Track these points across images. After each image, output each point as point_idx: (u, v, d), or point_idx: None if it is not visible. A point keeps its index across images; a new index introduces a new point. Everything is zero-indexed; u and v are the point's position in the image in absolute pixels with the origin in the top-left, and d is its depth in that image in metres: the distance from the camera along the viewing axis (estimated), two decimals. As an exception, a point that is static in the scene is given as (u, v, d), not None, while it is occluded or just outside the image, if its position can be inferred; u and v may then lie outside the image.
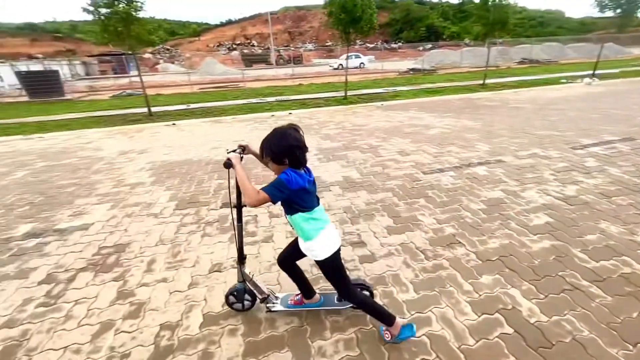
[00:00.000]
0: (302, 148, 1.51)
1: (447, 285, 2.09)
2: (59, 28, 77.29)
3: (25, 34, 73.68)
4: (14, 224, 3.19)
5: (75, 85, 20.37)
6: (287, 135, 1.51)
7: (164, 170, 4.62)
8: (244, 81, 18.66)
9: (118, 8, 7.69)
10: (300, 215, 1.53)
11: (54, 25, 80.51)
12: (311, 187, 1.55)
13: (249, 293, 1.89)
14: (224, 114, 9.22)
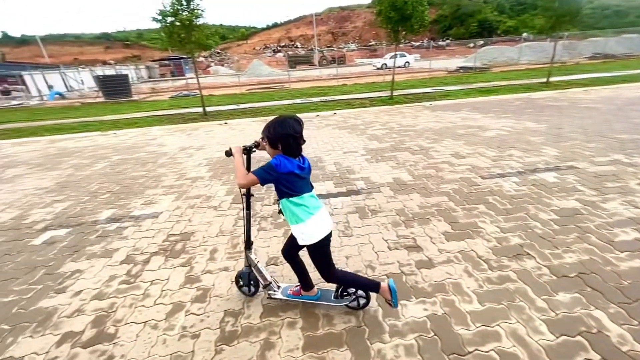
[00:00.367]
0: (298, 138, 1.61)
1: (516, 300, 1.93)
2: (128, 36, 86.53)
3: (101, 43, 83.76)
4: (98, 209, 3.64)
5: (140, 87, 22.63)
6: (286, 123, 1.59)
7: (219, 166, 4.92)
8: (288, 82, 19.16)
9: (182, 16, 8.35)
10: (289, 200, 1.62)
11: (124, 34, 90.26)
12: (301, 173, 1.62)
13: (253, 278, 2.02)
14: (271, 114, 9.55)
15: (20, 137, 8.54)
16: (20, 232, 3.23)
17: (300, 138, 1.64)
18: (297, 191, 1.62)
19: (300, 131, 1.63)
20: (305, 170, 1.66)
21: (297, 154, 1.65)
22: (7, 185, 4.72)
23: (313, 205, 1.66)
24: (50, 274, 2.50)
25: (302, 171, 1.63)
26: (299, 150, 1.66)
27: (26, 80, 19.42)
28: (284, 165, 1.55)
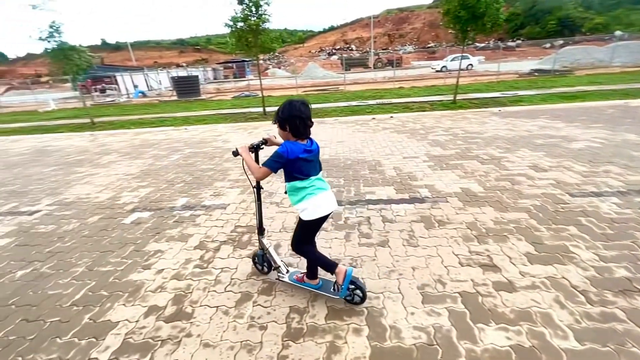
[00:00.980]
0: (304, 120, 1.68)
1: (627, 345, 1.62)
2: (198, 41, 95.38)
3: (176, 48, 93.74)
4: (174, 197, 4.02)
5: (207, 88, 24.71)
6: (293, 105, 1.68)
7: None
8: (343, 84, 19.22)
9: (250, 21, 8.89)
10: (295, 183, 1.77)
11: (195, 39, 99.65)
12: (309, 156, 1.73)
13: (267, 260, 2.28)
14: (326, 116, 9.65)
15: (113, 129, 9.92)
16: (114, 211, 3.71)
17: (307, 120, 1.70)
18: (305, 174, 1.75)
19: (307, 113, 1.71)
20: (312, 153, 1.78)
21: (304, 135, 1.74)
22: (103, 170, 5.49)
23: (318, 187, 1.79)
24: (138, 251, 2.82)
25: (310, 154, 1.74)
26: (307, 132, 1.74)
27: (118, 80, 22.57)
28: (291, 151, 1.67)
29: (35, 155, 7.16)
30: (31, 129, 11.06)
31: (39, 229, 3.38)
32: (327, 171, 4.57)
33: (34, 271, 2.62)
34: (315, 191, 1.78)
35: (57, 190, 4.57)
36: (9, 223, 3.58)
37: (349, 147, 5.83)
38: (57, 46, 9.35)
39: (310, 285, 2.10)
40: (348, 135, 6.87)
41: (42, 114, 15.87)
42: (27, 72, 66.72)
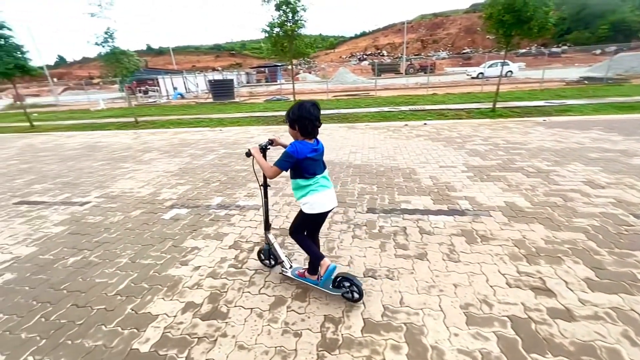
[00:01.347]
0: (313, 121, 1.78)
1: None
2: (234, 47, 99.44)
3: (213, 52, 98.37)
4: (210, 195, 4.14)
5: (240, 91, 25.58)
6: (303, 107, 1.78)
7: (310, 168, 5.09)
8: (374, 90, 19.03)
9: (287, 27, 9.08)
10: (301, 180, 1.89)
11: (231, 44, 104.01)
12: (315, 155, 1.85)
13: (272, 255, 2.39)
14: (357, 121, 9.58)
15: (154, 128, 10.52)
16: (154, 206, 3.89)
17: (315, 121, 1.81)
18: (311, 173, 1.87)
19: (316, 114, 1.80)
20: (318, 153, 1.90)
21: (312, 134, 1.85)
22: (145, 166, 5.80)
23: (321, 184, 1.91)
24: (176, 246, 2.91)
25: (316, 153, 1.87)
26: (314, 132, 1.86)
27: (160, 83, 24.04)
28: (300, 152, 1.79)
29: (86, 150, 7.76)
30: (83, 126, 12.04)
31: (89, 219, 3.62)
32: (359, 177, 4.49)
33: (84, 259, 2.79)
34: (318, 188, 1.90)
35: (104, 184, 4.89)
36: (63, 212, 3.87)
37: (381, 154, 5.71)
38: (110, 50, 10.12)
39: (310, 281, 2.16)
40: (380, 142, 6.74)
41: (93, 112, 17.26)
42: (82, 74, 73.26)
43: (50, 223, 3.57)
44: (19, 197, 4.51)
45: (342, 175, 4.64)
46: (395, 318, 1.92)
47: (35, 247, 3.07)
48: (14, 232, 3.40)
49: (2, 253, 2.98)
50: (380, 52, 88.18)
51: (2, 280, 2.56)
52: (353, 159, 5.48)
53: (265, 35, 9.85)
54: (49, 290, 2.39)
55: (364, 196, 3.80)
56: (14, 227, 3.54)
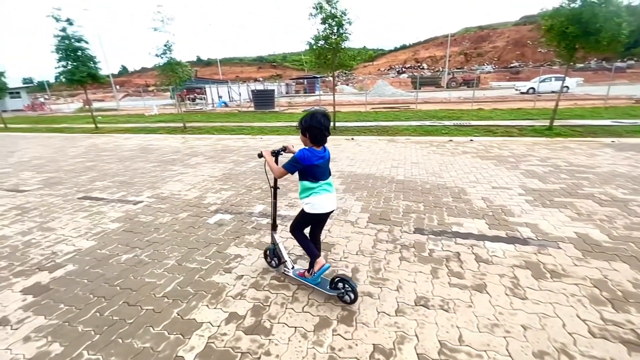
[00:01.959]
0: (322, 130, 1.94)
1: None
2: (275, 59, 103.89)
3: (255, 64, 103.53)
4: (252, 202, 4.19)
5: (279, 101, 26.40)
6: (314, 116, 1.95)
7: (351, 181, 4.99)
8: (415, 103, 18.59)
9: (331, 39, 9.21)
10: (307, 183, 2.06)
11: (273, 57, 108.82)
12: (321, 163, 2.03)
13: (277, 255, 2.49)
14: (398, 134, 9.33)
15: (200, 134, 11.14)
16: (200, 210, 4.02)
17: (325, 130, 1.98)
18: (316, 178, 2.05)
19: (325, 124, 1.97)
20: (325, 160, 2.09)
21: (321, 142, 2.04)
22: (192, 170, 6.09)
23: (324, 189, 2.08)
24: (220, 252, 2.94)
25: (323, 160, 2.06)
26: (323, 140, 2.04)
27: (206, 91, 25.65)
28: (307, 158, 1.98)
29: (140, 152, 8.39)
30: (139, 129, 13.11)
31: (141, 218, 3.83)
32: (403, 193, 4.28)
33: (135, 257, 2.91)
34: (320, 191, 2.07)
35: (155, 185, 5.19)
36: (119, 210, 4.14)
37: (425, 170, 5.44)
38: (167, 61, 10.99)
39: (309, 280, 2.25)
40: (423, 157, 6.46)
41: (147, 117, 18.80)
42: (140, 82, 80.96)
43: (108, 219, 3.83)
44: (83, 193, 4.93)
45: (385, 190, 4.47)
46: (454, 358, 1.71)
47: (94, 241, 3.28)
48: (77, 226, 3.68)
49: (67, 245, 3.22)
50: (420, 65, 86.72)
51: (65, 270, 2.75)
52: (395, 174, 5.28)
53: (307, 48, 10.09)
54: (104, 285, 2.51)
55: (410, 214, 3.59)
56: (77, 220, 3.84)
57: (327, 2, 9.00)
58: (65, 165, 7.07)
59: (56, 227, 3.67)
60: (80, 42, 11.67)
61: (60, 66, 11.61)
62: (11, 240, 3.37)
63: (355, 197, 4.25)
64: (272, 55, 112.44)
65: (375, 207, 3.84)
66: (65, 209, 4.24)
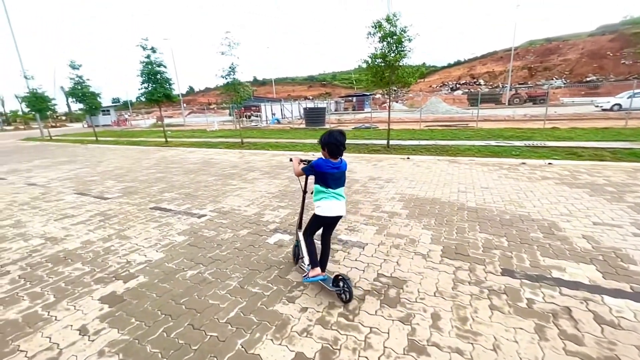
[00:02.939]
0: (338, 145, 2.31)
1: None
2: (325, 78, 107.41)
3: (306, 83, 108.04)
4: (310, 223, 4.04)
5: (329, 118, 26.83)
6: (332, 134, 2.32)
7: (414, 205, 4.59)
8: (474, 120, 17.36)
9: (390, 57, 9.03)
10: (319, 186, 2.40)
11: (323, 76, 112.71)
12: (336, 172, 2.34)
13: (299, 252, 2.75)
14: (459, 154, 8.62)
15: (256, 149, 11.63)
16: (259, 227, 3.99)
17: (341, 146, 2.30)
18: (327, 185, 2.33)
19: (342, 141, 2.29)
20: (340, 170, 2.36)
21: (337, 155, 2.33)
22: (250, 185, 6.24)
23: (333, 196, 2.35)
24: (282, 277, 2.80)
25: (337, 170, 2.33)
26: (339, 154, 2.34)
27: (261, 109, 27.22)
28: (321, 165, 2.31)
29: (203, 165, 8.96)
30: (201, 144, 14.22)
31: (204, 232, 3.91)
32: (479, 224, 3.77)
33: (199, 274, 2.91)
34: (330, 197, 2.35)
35: (217, 199, 5.38)
36: (185, 222, 4.31)
37: (500, 197, 4.81)
38: (231, 82, 11.84)
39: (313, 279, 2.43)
40: (494, 181, 5.77)
41: (208, 132, 20.45)
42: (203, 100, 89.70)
43: (175, 231, 3.99)
44: (154, 203, 5.30)
45: (456, 219, 3.99)
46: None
47: (162, 253, 3.39)
48: (148, 236, 3.89)
49: (139, 254, 3.38)
50: (476, 81, 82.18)
51: (137, 282, 2.84)
52: (464, 200, 4.75)
53: (363, 66, 10.04)
54: (171, 302, 2.51)
55: (492, 251, 3.10)
56: (149, 230, 4.07)
57: (387, 20, 8.92)
58: (140, 175, 7.81)
59: (131, 235, 3.92)
60: (160, 67, 13.23)
61: (143, 87, 13.23)
62: (94, 246, 3.66)
63: (422, 224, 3.85)
64: (322, 74, 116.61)
65: (448, 239, 3.41)
66: (139, 218, 4.55)
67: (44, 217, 4.81)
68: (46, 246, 3.72)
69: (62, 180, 7.69)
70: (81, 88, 16.57)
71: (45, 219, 4.72)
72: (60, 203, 5.56)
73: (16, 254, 3.53)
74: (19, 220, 4.75)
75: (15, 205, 5.57)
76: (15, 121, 62.83)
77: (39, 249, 3.64)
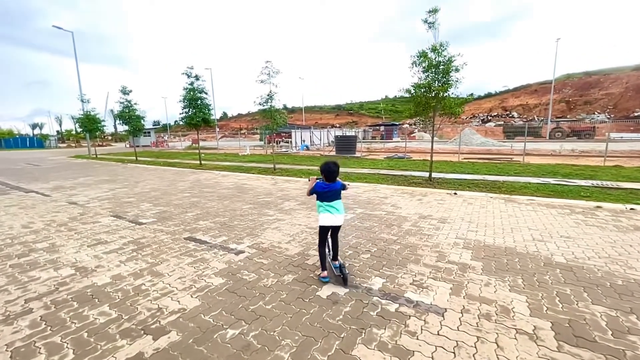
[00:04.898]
0: (332, 173, 3.17)
1: None
2: (352, 107, 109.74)
3: (333, 111, 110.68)
4: (366, 272, 3.43)
5: (360, 146, 26.58)
6: (328, 164, 3.21)
7: (486, 255, 3.85)
8: (517, 154, 16.22)
9: (436, 87, 8.62)
10: (319, 201, 3.24)
11: (350, 105, 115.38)
12: (329, 192, 3.19)
13: None
14: (514, 192, 7.72)
15: (288, 176, 11.35)
16: (306, 273, 3.43)
17: (334, 173, 3.19)
18: (324, 199, 3.20)
19: (335, 170, 3.20)
20: (332, 189, 3.21)
21: (331, 180, 3.20)
22: (287, 217, 5.77)
23: (326, 210, 3.18)
24: (345, 353, 2.18)
25: (330, 189, 3.19)
26: (333, 178, 3.20)
27: (292, 135, 27.62)
28: (320, 187, 3.20)
29: (237, 191, 8.72)
30: (234, 168, 14.27)
31: (244, 275, 3.41)
32: (586, 291, 2.96)
33: (242, 336, 2.37)
34: (324, 211, 3.19)
35: (254, 231, 4.94)
36: (221, 259, 3.86)
37: (593, 251, 3.94)
38: (268, 108, 11.94)
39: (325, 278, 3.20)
40: (573, 229, 4.88)
41: (241, 156, 20.79)
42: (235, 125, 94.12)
43: (211, 270, 3.53)
44: (188, 232, 4.96)
45: (549, 279, 3.20)
46: None
47: (198, 299, 2.92)
48: (182, 274, 3.45)
49: (172, 299, 2.92)
50: (509, 113, 79.90)
51: (169, 340, 2.34)
52: (546, 252, 3.94)
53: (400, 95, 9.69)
54: (209, 378, 1.96)
55: (627, 337, 2.30)
56: (183, 267, 3.64)
57: (434, 50, 8.61)
58: (174, 199, 7.66)
59: (164, 272, 3.51)
60: (201, 93, 13.76)
61: (184, 112, 13.73)
62: (124, 283, 3.27)
63: (507, 284, 3.11)
64: (349, 103, 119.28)
65: (553, 310, 2.64)
66: (173, 250, 4.18)
67: (77, 242, 4.59)
68: (75, 278, 3.39)
69: (101, 200, 7.71)
70: (128, 111, 17.66)
71: (79, 244, 4.48)
72: (96, 226, 5.39)
73: (43, 287, 3.22)
74: (54, 243, 4.55)
75: (53, 226, 5.47)
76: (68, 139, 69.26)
77: (67, 282, 3.31)
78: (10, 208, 6.99)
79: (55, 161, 21.32)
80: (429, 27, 8.86)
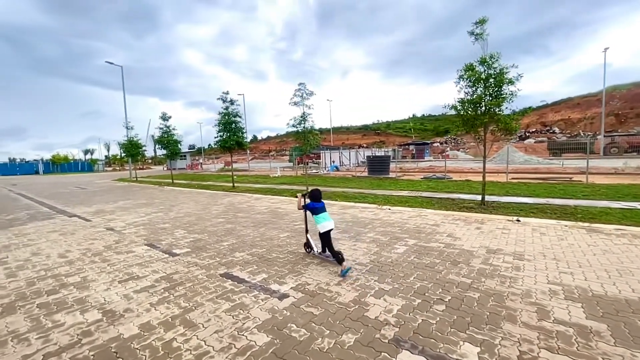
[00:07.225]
0: (317, 197, 4.48)
1: None
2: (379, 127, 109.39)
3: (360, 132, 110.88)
4: (449, 332, 2.65)
5: (391, 167, 25.64)
6: (314, 192, 4.51)
7: (604, 312, 2.90)
8: (575, 173, 14.49)
9: (488, 101, 7.82)
10: (314, 216, 4.35)
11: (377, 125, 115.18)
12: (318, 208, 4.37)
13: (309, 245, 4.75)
14: (594, 220, 6.51)
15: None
16: (370, 331, 2.72)
17: (319, 197, 4.48)
18: (316, 214, 4.32)
19: (319, 195, 4.49)
20: (319, 207, 4.38)
21: (318, 200, 4.45)
22: (331, 249, 5.11)
23: (322, 218, 4.29)
24: None
25: (318, 207, 4.37)
26: (319, 199, 4.47)
27: (321, 156, 27.41)
28: (313, 205, 4.39)
29: (271, 216, 8.27)
30: (266, 190, 14.02)
31: (292, 331, 2.78)
32: None
33: None
34: (321, 220, 4.27)
35: (296, 267, 4.33)
36: (263, 306, 3.26)
37: None
38: (302, 130, 11.68)
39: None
40: None
41: (272, 178, 20.73)
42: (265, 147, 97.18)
43: (253, 322, 2.93)
44: (224, 267, 4.46)
45: None
46: None
47: (239, 367, 2.31)
48: (219, 326, 2.89)
49: (208, 366, 2.34)
50: (550, 129, 74.94)
51: None
52: (691, 310, 2.90)
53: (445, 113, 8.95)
54: None
55: None
56: (219, 315, 3.09)
57: (483, 62, 7.89)
58: (209, 225, 7.34)
59: (199, 322, 2.98)
60: (236, 117, 13.94)
61: (219, 136, 13.93)
62: (153, 336, 2.76)
63: None
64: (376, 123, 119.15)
65: None
66: (208, 290, 3.67)
67: (109, 276, 4.25)
68: (101, 327, 2.95)
69: (137, 225, 7.59)
70: (167, 136, 18.43)
71: (110, 279, 4.13)
72: (129, 257, 5.09)
73: (65, 337, 2.80)
74: (85, 277, 4.25)
75: (88, 256, 5.25)
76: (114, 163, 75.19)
77: (91, 331, 2.87)
78: (52, 234, 7.02)
79: (100, 184, 22.62)
80: (476, 39, 8.21)
